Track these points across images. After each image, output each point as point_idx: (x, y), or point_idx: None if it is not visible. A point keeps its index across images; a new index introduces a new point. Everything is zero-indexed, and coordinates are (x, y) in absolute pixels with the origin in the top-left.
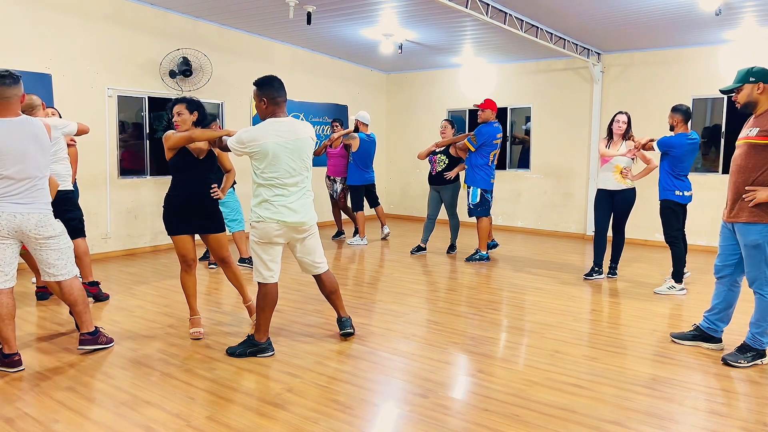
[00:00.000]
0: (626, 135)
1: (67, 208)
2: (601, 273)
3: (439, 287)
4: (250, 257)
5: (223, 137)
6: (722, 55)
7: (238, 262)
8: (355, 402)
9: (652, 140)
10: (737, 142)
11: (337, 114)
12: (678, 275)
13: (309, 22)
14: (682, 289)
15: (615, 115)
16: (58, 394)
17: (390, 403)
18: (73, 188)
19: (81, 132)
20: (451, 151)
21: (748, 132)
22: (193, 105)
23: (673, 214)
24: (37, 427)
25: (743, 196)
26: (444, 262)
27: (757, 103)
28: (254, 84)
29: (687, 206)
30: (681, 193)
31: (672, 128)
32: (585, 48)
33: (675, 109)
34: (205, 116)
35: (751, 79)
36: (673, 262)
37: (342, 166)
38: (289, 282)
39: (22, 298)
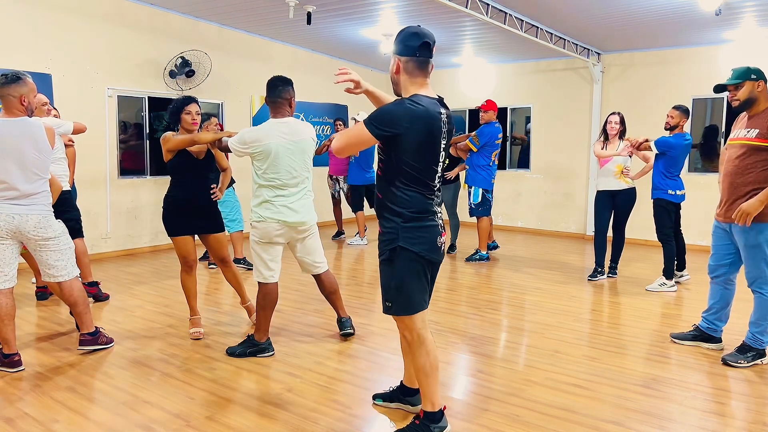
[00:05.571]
0: (622, 135)
1: (64, 208)
2: (603, 273)
3: (439, 287)
4: (245, 258)
5: (224, 138)
6: (722, 55)
7: (233, 262)
8: (355, 402)
9: (647, 140)
10: (730, 142)
11: (337, 114)
12: (669, 272)
13: (309, 22)
14: (673, 285)
15: (608, 116)
16: (58, 394)
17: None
18: (70, 189)
19: (77, 131)
20: (452, 151)
21: (746, 133)
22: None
23: (666, 213)
24: (37, 427)
25: (740, 207)
26: (444, 262)
27: (756, 101)
28: None
29: (680, 205)
30: (674, 193)
31: (673, 128)
32: (585, 48)
33: (679, 108)
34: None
35: (753, 76)
36: (664, 260)
37: (344, 165)
38: (289, 282)
39: (22, 298)
